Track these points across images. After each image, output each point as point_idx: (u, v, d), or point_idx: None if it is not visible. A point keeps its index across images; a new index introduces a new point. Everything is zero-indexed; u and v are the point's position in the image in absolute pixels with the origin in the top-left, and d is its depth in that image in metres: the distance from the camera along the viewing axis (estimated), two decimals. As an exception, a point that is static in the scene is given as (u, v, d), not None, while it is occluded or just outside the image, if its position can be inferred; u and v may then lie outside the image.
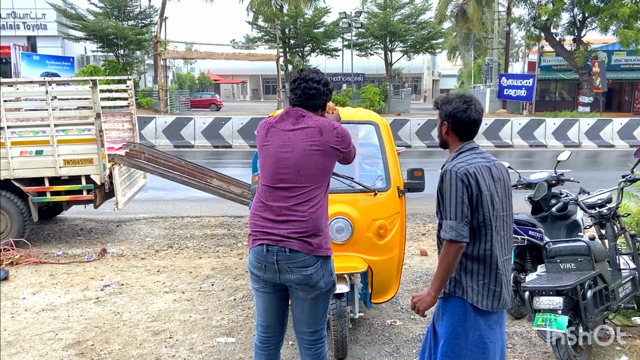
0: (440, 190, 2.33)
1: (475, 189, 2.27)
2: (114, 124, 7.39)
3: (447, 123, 2.42)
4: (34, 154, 5.89)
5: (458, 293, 2.34)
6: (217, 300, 4.65)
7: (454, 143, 2.45)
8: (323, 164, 2.58)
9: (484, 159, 2.37)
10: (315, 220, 2.54)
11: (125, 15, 29.65)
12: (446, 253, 2.27)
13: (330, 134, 2.59)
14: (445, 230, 2.26)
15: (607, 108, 29.14)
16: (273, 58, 30.59)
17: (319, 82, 2.66)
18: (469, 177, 2.27)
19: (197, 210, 8.17)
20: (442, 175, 2.34)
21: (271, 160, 2.59)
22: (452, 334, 2.35)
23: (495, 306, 2.33)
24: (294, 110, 2.65)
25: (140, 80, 33.10)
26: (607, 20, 24.88)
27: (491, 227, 2.31)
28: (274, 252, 2.51)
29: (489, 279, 2.33)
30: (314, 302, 2.63)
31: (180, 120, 16.93)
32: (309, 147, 2.55)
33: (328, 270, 2.61)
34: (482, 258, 2.32)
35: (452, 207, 2.25)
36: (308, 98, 2.64)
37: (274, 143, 2.60)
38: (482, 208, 2.29)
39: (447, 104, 2.42)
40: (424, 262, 5.72)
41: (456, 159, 2.37)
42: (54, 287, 4.98)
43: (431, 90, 60.21)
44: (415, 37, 31.44)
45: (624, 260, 3.93)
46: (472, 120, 2.39)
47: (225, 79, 55.23)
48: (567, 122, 17.90)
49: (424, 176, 3.85)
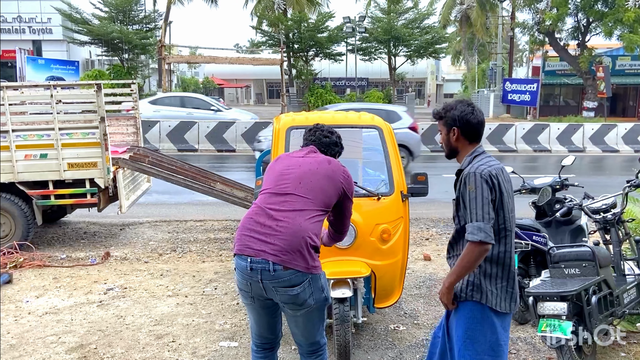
0: (462, 194, 2.31)
1: (498, 190, 2.28)
2: (118, 128, 7.41)
3: (457, 128, 2.41)
4: (38, 157, 5.91)
5: (476, 297, 2.33)
6: (220, 304, 4.65)
7: (465, 147, 2.44)
8: (324, 185, 2.59)
9: (495, 161, 2.38)
10: (304, 235, 2.46)
11: (130, 20, 29.80)
12: (470, 252, 2.24)
13: (338, 169, 2.69)
14: (472, 232, 2.23)
15: (611, 113, 29.04)
16: (277, 62, 30.64)
17: (333, 133, 2.87)
18: (492, 178, 2.27)
19: (201, 214, 8.17)
20: (463, 178, 2.32)
21: (275, 176, 2.66)
22: (470, 338, 2.34)
23: (512, 307, 2.36)
24: (308, 147, 2.80)
25: (145, 84, 33.20)
26: (611, 25, 24.81)
27: (510, 228, 2.33)
28: (258, 270, 2.44)
29: (507, 281, 2.35)
30: (307, 317, 2.59)
31: (184, 124, 16.95)
32: (315, 168, 2.63)
33: (318, 288, 2.53)
34: (501, 260, 2.33)
35: (479, 209, 2.23)
36: (322, 144, 2.80)
37: (282, 164, 2.71)
38: (502, 210, 2.30)
39: (451, 110, 2.42)
40: (428, 266, 5.70)
41: (474, 162, 2.36)
42: (58, 290, 4.99)
43: (435, 95, 60.12)
44: (419, 41, 31.44)
45: (629, 265, 3.90)
46: (480, 120, 2.41)
47: (229, 83, 55.34)
48: (572, 127, 17.85)
49: (428, 180, 3.85)
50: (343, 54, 33.49)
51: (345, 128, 4.00)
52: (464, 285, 2.36)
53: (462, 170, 2.40)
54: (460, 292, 2.36)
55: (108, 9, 29.14)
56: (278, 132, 3.86)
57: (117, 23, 28.69)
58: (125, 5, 28.85)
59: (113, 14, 29.12)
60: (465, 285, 2.34)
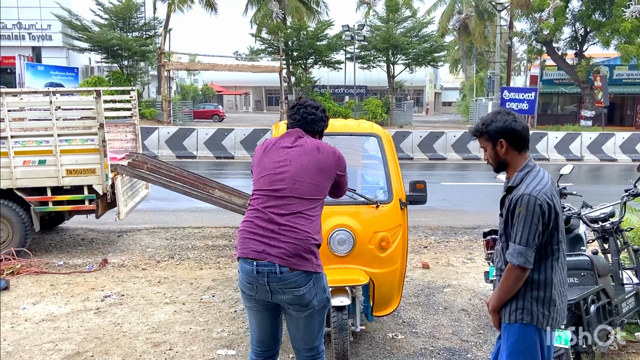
0: (512, 213, 2.25)
1: (553, 213, 2.22)
2: (117, 134, 7.42)
3: (504, 140, 2.30)
4: (37, 163, 5.91)
5: (526, 320, 2.28)
6: (218, 312, 4.63)
7: (515, 159, 2.33)
8: (319, 180, 2.59)
9: (547, 176, 2.29)
10: (307, 236, 2.50)
11: (130, 27, 29.90)
12: (508, 278, 2.23)
13: (328, 153, 2.65)
14: (512, 254, 2.21)
15: (609, 122, 29.17)
16: (276, 70, 30.76)
17: (317, 107, 2.77)
18: (548, 203, 2.20)
19: (199, 221, 8.16)
20: (518, 198, 2.22)
21: (267, 173, 2.62)
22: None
23: (562, 320, 2.34)
24: (293, 131, 2.73)
25: (144, 91, 33.27)
26: (608, 35, 25.01)
27: (562, 248, 2.28)
28: (264, 273, 2.45)
29: (557, 298, 2.30)
30: (308, 320, 2.60)
31: (183, 130, 16.99)
32: (306, 162, 2.59)
33: (321, 288, 2.56)
34: (549, 281, 2.28)
35: (525, 233, 2.19)
36: (307, 122, 2.73)
37: (271, 159, 2.65)
38: (556, 231, 2.24)
39: (492, 123, 2.31)
40: (426, 275, 5.69)
41: (527, 179, 2.26)
42: (55, 297, 4.97)
43: (433, 103, 60.35)
44: (418, 50, 31.59)
45: (627, 275, 3.91)
46: (525, 126, 2.32)
47: (229, 90, 55.47)
48: (569, 136, 17.92)
49: (426, 189, 3.85)
50: (342, 62, 33.63)
51: (344, 136, 4.01)
52: (512, 309, 2.31)
53: (512, 187, 2.30)
54: (510, 315, 2.31)
55: (108, 16, 29.24)
56: (277, 139, 3.86)
57: (117, 30, 28.80)
58: (125, 12, 28.97)
59: (113, 21, 29.23)
60: (514, 309, 2.30)
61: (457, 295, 5.04)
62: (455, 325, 4.36)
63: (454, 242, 7.05)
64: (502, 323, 2.36)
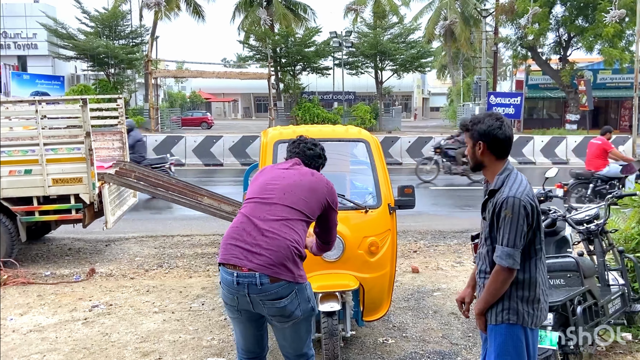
0: (497, 215, 2.28)
1: (536, 213, 2.28)
2: (104, 143, 7.37)
3: (483, 143, 2.35)
4: (22, 173, 5.85)
5: (512, 320, 2.32)
6: (208, 320, 4.61)
7: (492, 163, 2.38)
8: (308, 197, 2.63)
9: (525, 180, 2.35)
10: (289, 244, 2.49)
11: (117, 35, 29.75)
12: (496, 280, 2.28)
13: (321, 179, 2.73)
14: (501, 257, 2.25)
15: (593, 126, 29.49)
16: (264, 76, 30.77)
17: (316, 145, 2.88)
18: (531, 204, 2.25)
19: (188, 229, 8.12)
20: (502, 201, 2.26)
21: (260, 186, 2.69)
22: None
23: (544, 319, 2.40)
24: (292, 160, 2.82)
25: (131, 98, 33.09)
26: (591, 40, 25.41)
27: (543, 247, 2.35)
28: (245, 284, 2.45)
29: (540, 297, 2.36)
30: (294, 328, 2.59)
31: (171, 138, 16.90)
32: (299, 180, 2.66)
33: (304, 298, 2.55)
34: (533, 280, 2.34)
35: (512, 235, 2.23)
36: (306, 156, 2.83)
37: (266, 176, 2.74)
38: (538, 230, 2.31)
39: (479, 124, 2.35)
40: (416, 279, 5.71)
41: (508, 182, 2.31)
42: (42, 307, 4.91)
43: (421, 109, 60.69)
44: (405, 56, 31.85)
45: (613, 276, 3.95)
46: (508, 136, 2.35)
47: (217, 97, 55.36)
48: (555, 140, 18.12)
49: (415, 193, 3.88)
50: (330, 68, 33.78)
51: (333, 141, 4.03)
52: (498, 310, 2.34)
53: (495, 191, 2.34)
54: (496, 316, 2.34)
55: (94, 24, 29.08)
56: (266, 145, 3.88)
57: (103, 38, 28.62)
58: (112, 20, 28.84)
59: (99, 29, 29.06)
60: (500, 309, 2.33)
61: (446, 299, 5.07)
62: (445, 328, 4.38)
63: (443, 246, 7.09)
64: (488, 325, 2.39)
